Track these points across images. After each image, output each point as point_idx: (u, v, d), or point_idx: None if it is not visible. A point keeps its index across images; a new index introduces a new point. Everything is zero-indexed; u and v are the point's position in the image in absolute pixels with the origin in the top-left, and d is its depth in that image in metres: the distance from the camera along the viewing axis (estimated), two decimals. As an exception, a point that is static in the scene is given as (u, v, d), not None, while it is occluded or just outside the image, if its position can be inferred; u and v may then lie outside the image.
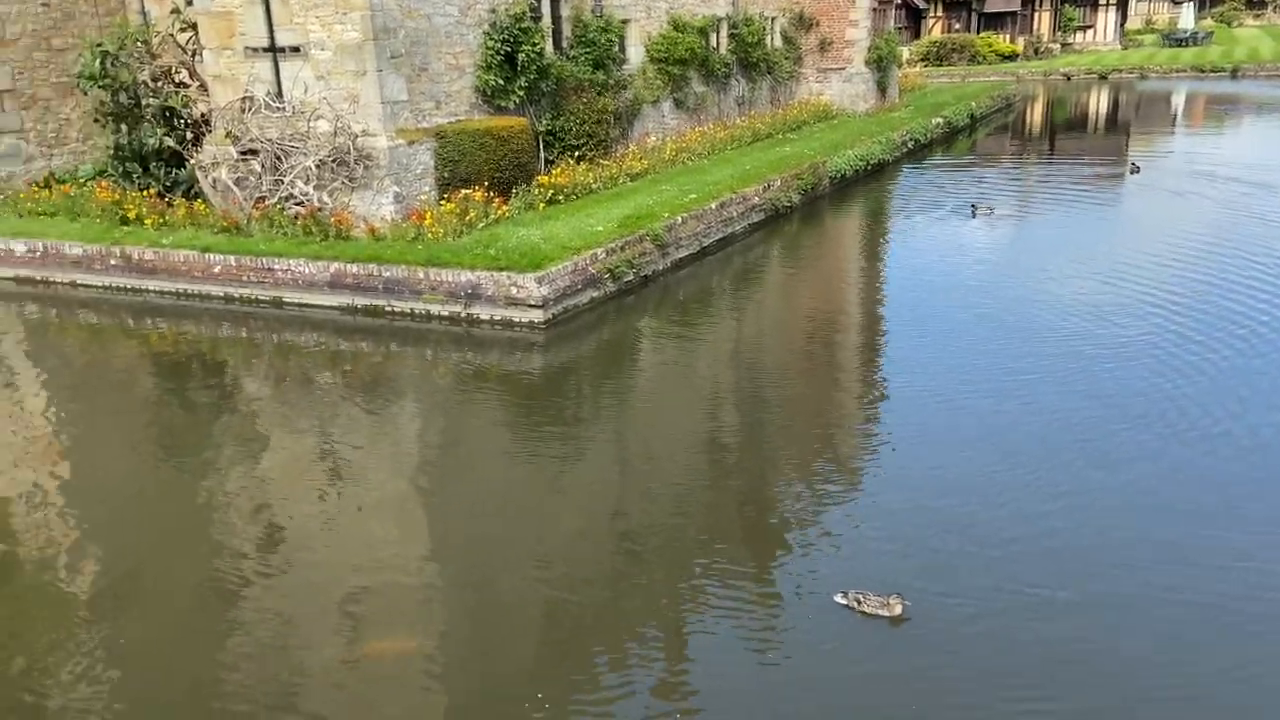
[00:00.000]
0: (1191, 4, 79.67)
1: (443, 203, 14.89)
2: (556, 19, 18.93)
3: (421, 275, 12.99)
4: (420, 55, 15.37)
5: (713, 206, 16.72)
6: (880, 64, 30.56)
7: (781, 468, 8.91)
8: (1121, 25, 64.80)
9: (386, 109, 14.63)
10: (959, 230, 17.44)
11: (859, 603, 6.48)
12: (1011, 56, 53.59)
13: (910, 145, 26.17)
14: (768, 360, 12.15)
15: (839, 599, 6.57)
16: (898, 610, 6.40)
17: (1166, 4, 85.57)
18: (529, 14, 17.33)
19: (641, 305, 13.91)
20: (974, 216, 17.91)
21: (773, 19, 28.47)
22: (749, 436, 9.70)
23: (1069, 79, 48.49)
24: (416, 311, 13.05)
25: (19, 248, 15.66)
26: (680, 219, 15.66)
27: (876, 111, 29.94)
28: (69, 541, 7.92)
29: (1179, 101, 39.66)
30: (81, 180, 17.33)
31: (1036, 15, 60.31)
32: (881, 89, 31.31)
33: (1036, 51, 57.49)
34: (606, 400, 10.90)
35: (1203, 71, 47.47)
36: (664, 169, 19.66)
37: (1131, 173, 22.38)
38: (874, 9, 30.06)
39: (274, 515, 8.31)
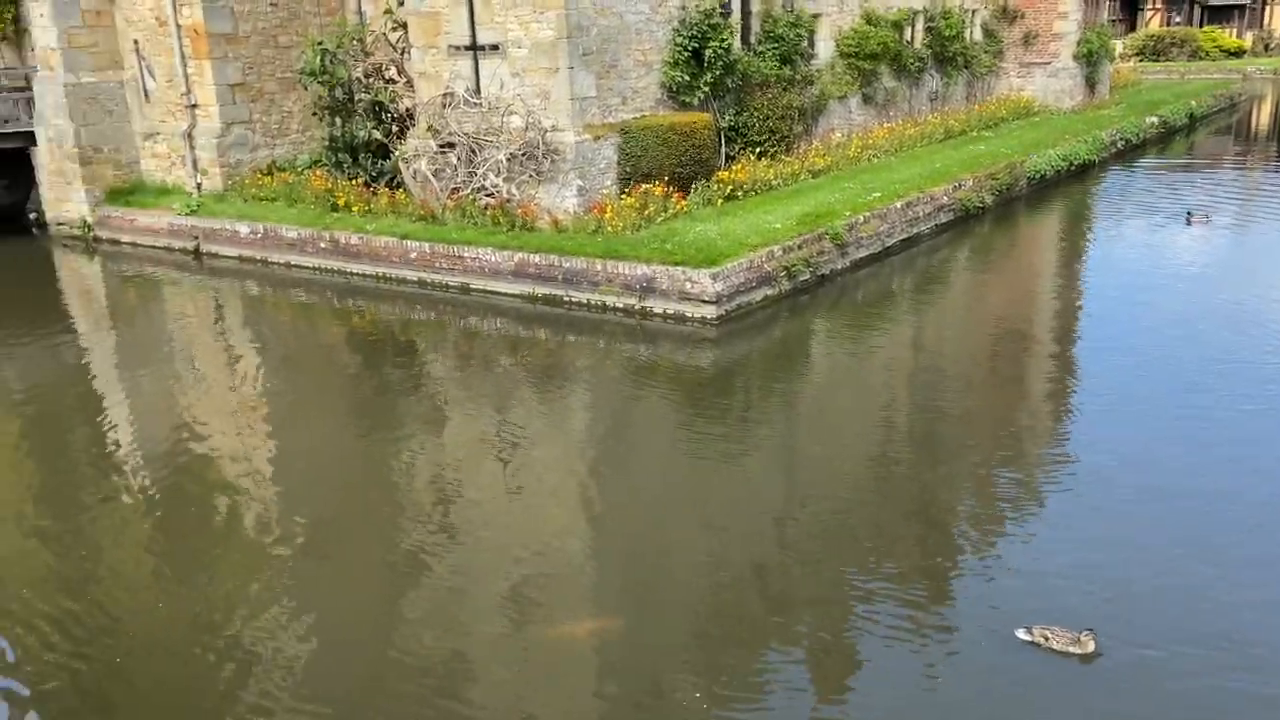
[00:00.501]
0: None
1: (623, 197, 15.16)
2: (746, 15, 18.87)
3: (599, 267, 13.29)
4: (610, 52, 15.70)
5: (897, 205, 16.23)
6: (1090, 58, 28.69)
7: (959, 486, 8.49)
8: (1378, 15, 57.87)
9: (575, 105, 15.04)
10: (1171, 239, 16.15)
11: (1045, 639, 5.99)
12: (1238, 53, 49.01)
13: (1120, 145, 24.45)
14: (948, 368, 11.66)
15: (1022, 634, 6.09)
16: (1090, 648, 5.88)
17: None
18: (719, 10, 17.35)
19: (816, 305, 13.69)
20: (1189, 224, 16.52)
21: (973, 11, 27.27)
22: (924, 449, 9.32)
23: (1309, 75, 43.85)
24: (593, 302, 13.37)
25: (243, 229, 17.15)
26: (862, 218, 15.29)
27: (1084, 109, 28.14)
28: (271, 497, 8.64)
29: None
30: (299, 169, 18.76)
31: (1268, 8, 54.83)
32: (1090, 85, 29.40)
33: (1266, 47, 52.24)
34: (775, 400, 10.81)
35: None
36: (848, 166, 19.24)
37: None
38: (1085, 0, 28.25)
39: (452, 490, 8.75)
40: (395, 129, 17.46)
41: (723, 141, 17.86)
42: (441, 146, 15.67)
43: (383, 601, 7.02)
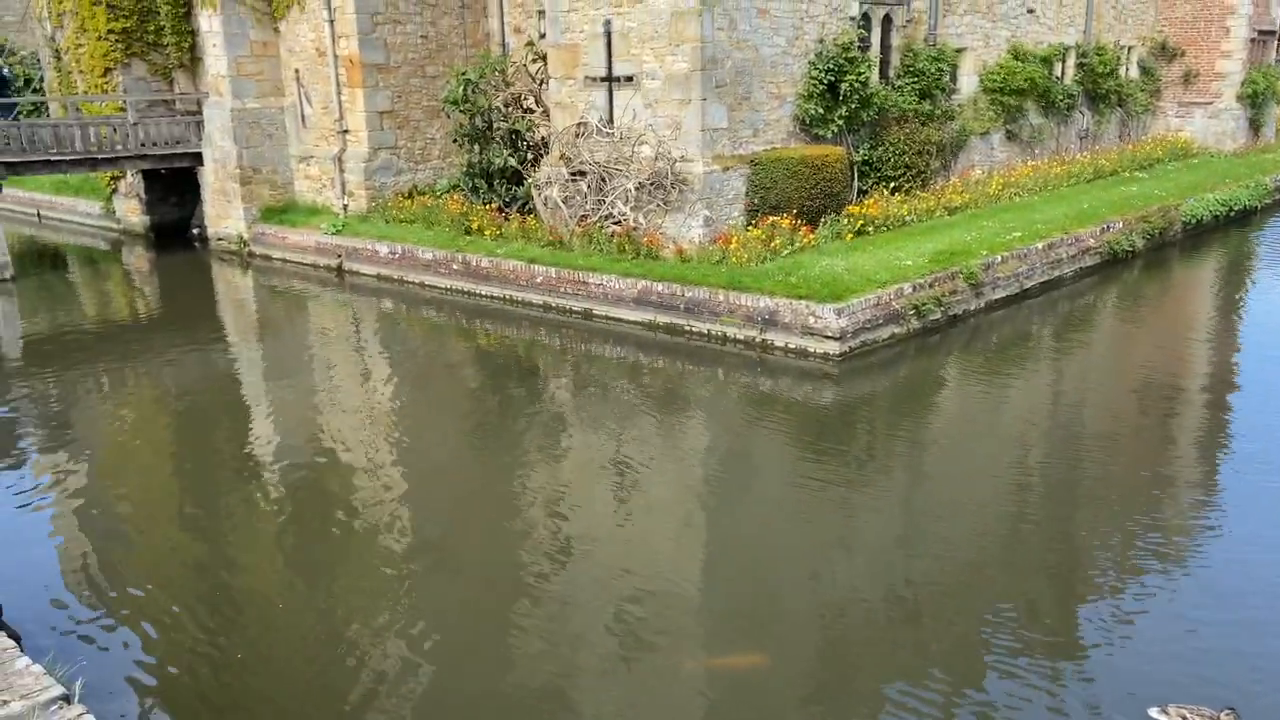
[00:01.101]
0: None
1: (750, 228, 15.07)
2: (886, 48, 18.58)
3: (722, 298, 13.21)
4: (744, 84, 15.69)
5: (1039, 246, 15.55)
6: (1255, 99, 26.99)
7: (1089, 548, 7.91)
8: None
9: (705, 136, 15.08)
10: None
11: (1183, 719, 5.52)
12: None
13: (1288, 191, 22.81)
14: (1084, 422, 10.96)
15: (1156, 713, 5.61)
16: None
17: None
18: (857, 44, 17.14)
19: (947, 346, 13.21)
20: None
21: (1129, 48, 26.09)
22: (1054, 508, 8.75)
23: None
24: (714, 333, 13.29)
25: (383, 250, 17.89)
26: (999, 257, 14.72)
27: (1246, 152, 26.43)
28: (394, 507, 8.88)
29: None
30: (438, 193, 19.49)
31: None
32: (1255, 127, 27.64)
33: None
34: (897, 443, 10.42)
35: None
36: (987, 204, 18.60)
37: None
38: (1252, 39, 26.61)
39: (566, 511, 8.77)
40: (530, 157, 17.93)
41: (855, 175, 17.57)
42: (573, 174, 15.97)
43: (499, 621, 7.07)
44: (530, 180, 17.13)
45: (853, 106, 16.86)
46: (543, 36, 18.00)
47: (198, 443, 10.81)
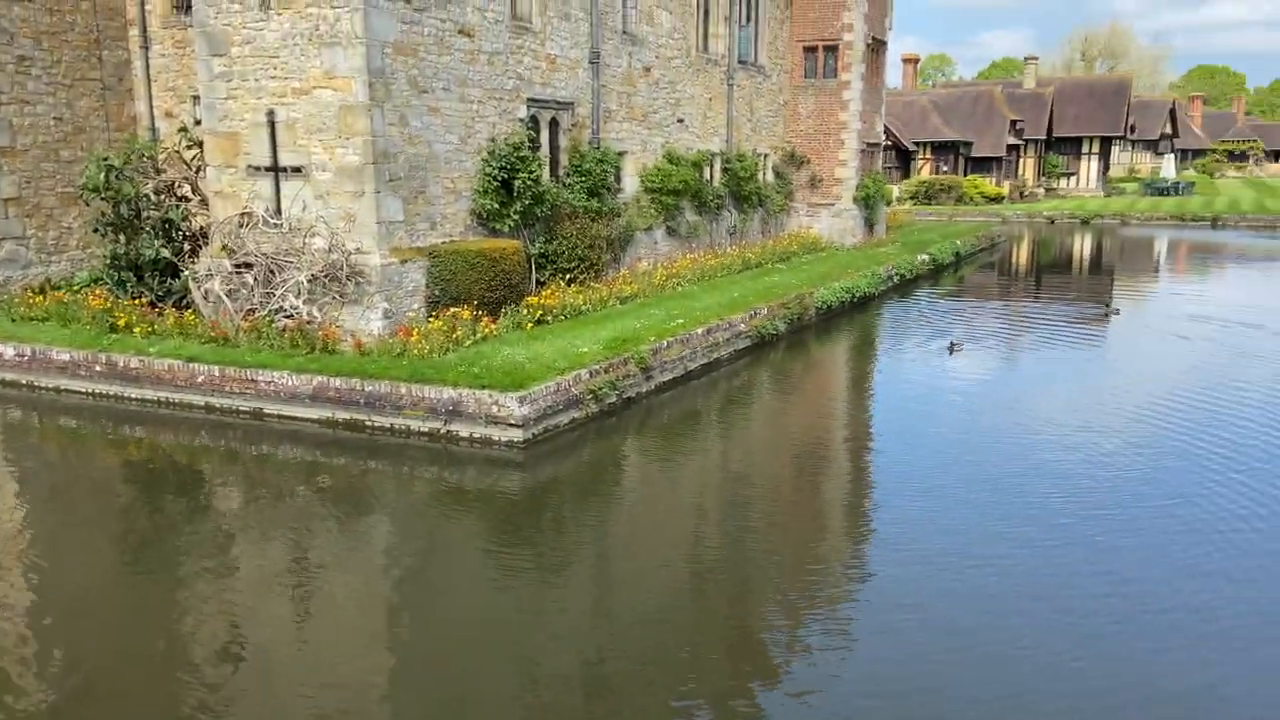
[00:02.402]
0: (1173, 155, 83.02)
1: (431, 320, 15.07)
2: (555, 149, 19.63)
3: (404, 391, 13.02)
4: (419, 179, 15.84)
5: (699, 332, 16.93)
6: (868, 201, 31.55)
7: (767, 604, 8.62)
8: (1104, 173, 67.28)
9: (382, 228, 14.98)
10: (938, 365, 17.59)
11: None
12: (997, 199, 55.40)
13: (896, 280, 26.73)
14: (749, 494, 12.01)
15: None
16: None
17: (1149, 154, 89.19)
18: (527, 144, 17.96)
19: (623, 427, 13.91)
20: (951, 353, 18.07)
21: (765, 155, 29.55)
22: (733, 567, 9.47)
23: (1052, 222, 50.01)
24: (397, 427, 13.02)
25: (8, 352, 15.71)
26: (666, 343, 15.83)
27: (864, 246, 30.72)
28: (23, 650, 7.66)
29: (1161, 248, 40.77)
30: (75, 287, 17.56)
31: (1021, 160, 62.73)
32: (869, 225, 32.23)
33: (1021, 195, 59.53)
34: (585, 522, 10.76)
35: (1183, 220, 49.06)
36: (654, 294, 20.01)
37: (1112, 314, 22.80)
38: (862, 150, 31.24)
39: (238, 632, 8.07)
40: (187, 247, 16.75)
41: (533, 268, 18.21)
42: (237, 266, 15.13)
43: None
44: (188, 273, 15.97)
45: (527, 202, 17.57)
46: (198, 123, 17.07)
47: None
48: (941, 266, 31.18)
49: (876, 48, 31.99)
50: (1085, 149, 65.66)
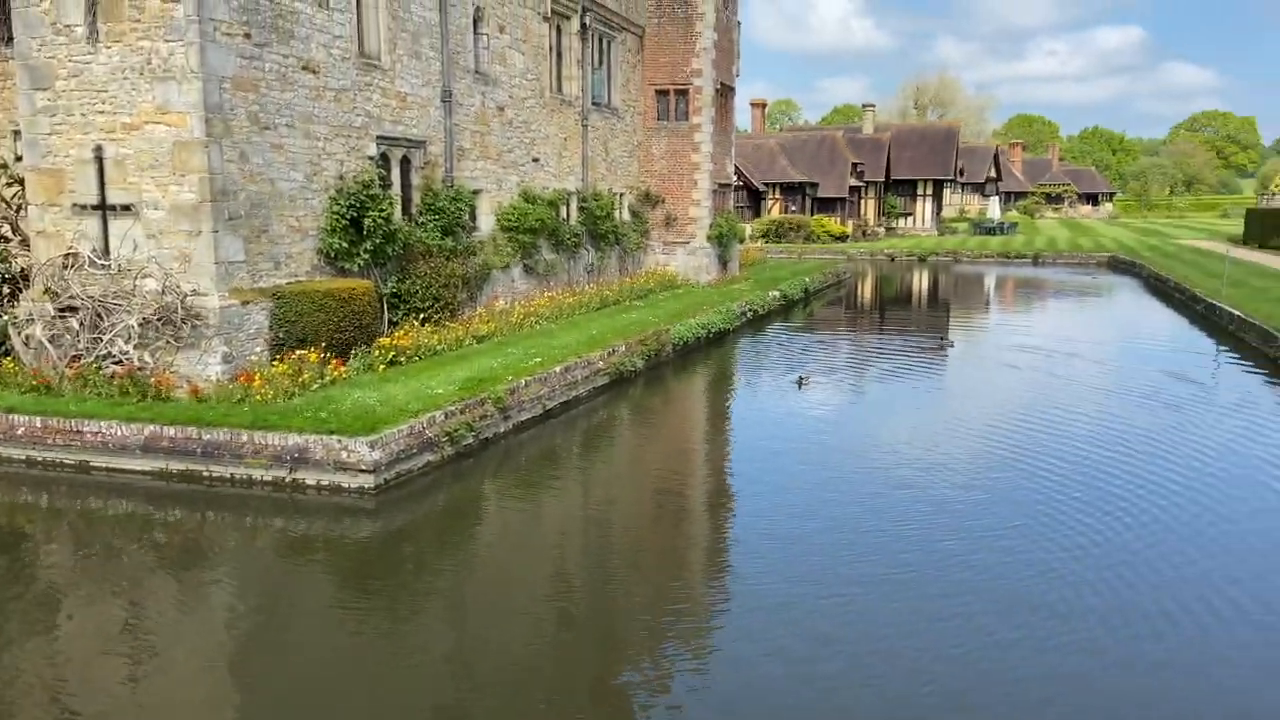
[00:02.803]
0: (998, 197, 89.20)
1: (276, 363, 14.49)
2: (407, 187, 19.33)
3: (245, 438, 12.43)
4: (261, 217, 15.27)
5: (557, 370, 16.91)
6: (721, 239, 32.44)
7: (626, 649, 8.62)
8: (938, 214, 71.60)
9: (221, 268, 14.35)
10: (791, 398, 18.16)
11: None
12: (842, 237, 57.99)
13: (749, 315, 27.51)
14: (610, 534, 12.03)
15: None
16: None
17: (977, 196, 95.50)
18: (378, 182, 17.63)
19: (481, 469, 13.70)
20: (800, 388, 18.62)
21: (621, 195, 30.00)
22: (592, 613, 9.41)
23: (893, 260, 52.76)
24: (238, 477, 12.40)
25: None
26: (524, 382, 15.74)
27: (719, 283, 31.52)
28: None
29: (990, 283, 43.57)
30: (-127, 334, 16.01)
31: (863, 201, 65.98)
32: (723, 262, 33.11)
33: (864, 233, 62.59)
34: (440, 569, 10.49)
35: (1009, 257, 52.71)
36: (511, 332, 19.90)
37: (947, 346, 24.17)
38: (715, 190, 32.15)
39: (66, 703, 7.43)
40: (6, 291, 15.58)
41: (385, 308, 17.80)
42: (61, 310, 14.18)
43: None
44: (7, 317, 14.84)
45: (378, 241, 17.21)
46: (19, 159, 15.98)
47: None
48: (792, 302, 32.31)
49: (725, 93, 33.11)
50: (920, 191, 69.77)
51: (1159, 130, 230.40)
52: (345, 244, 16.72)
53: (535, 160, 24.39)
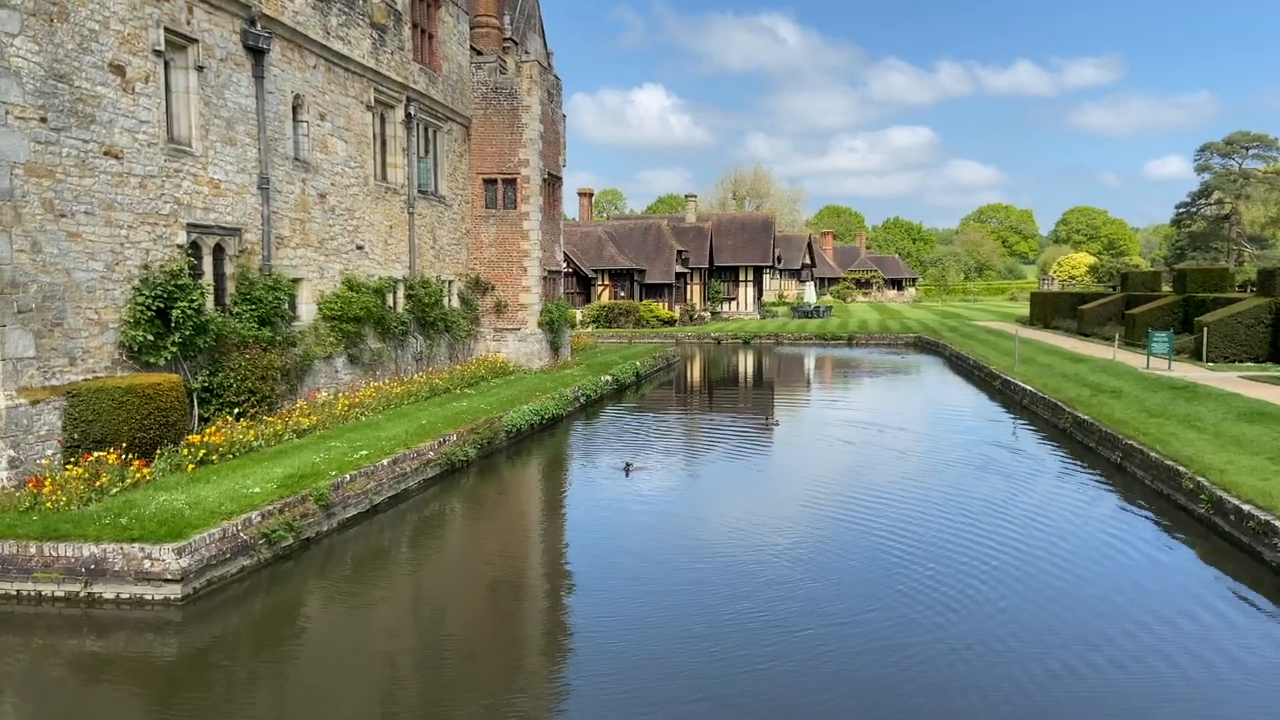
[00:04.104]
0: (814, 282, 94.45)
1: (70, 467, 13.33)
2: (220, 276, 18.50)
3: (34, 550, 11.29)
4: (55, 310, 14.20)
5: (385, 463, 16.35)
6: (553, 325, 32.65)
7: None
8: (759, 298, 74.95)
9: (8, 366, 13.20)
10: (621, 484, 18.22)
11: None
12: (670, 321, 59.69)
13: (582, 400, 27.65)
14: (444, 634, 11.56)
15: None
16: None
17: (794, 281, 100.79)
18: (188, 271, 16.79)
19: (302, 571, 12.94)
20: (628, 474, 18.60)
21: (450, 282, 29.80)
22: (423, 714, 8.99)
23: (719, 343, 54.61)
24: (25, 593, 11.21)
25: None
26: (348, 476, 15.11)
27: (551, 369, 31.60)
28: None
29: (810, 363, 45.74)
30: None
31: (689, 287, 68.30)
32: (555, 348, 33.28)
33: (691, 318, 64.62)
34: (255, 684, 9.73)
35: (825, 339, 55.63)
36: (336, 425, 19.15)
37: (773, 425, 25.06)
38: (544, 277, 32.47)
39: None
40: None
41: (195, 403, 16.80)
42: None
43: None
44: None
45: (187, 333, 16.30)
46: None
47: None
48: (624, 386, 32.74)
49: (552, 182, 33.77)
50: (742, 276, 73.02)
51: (951, 221, 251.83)
52: (150, 337, 15.74)
53: (359, 248, 23.94)
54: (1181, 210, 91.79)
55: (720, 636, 10.45)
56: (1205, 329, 31.18)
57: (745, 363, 46.00)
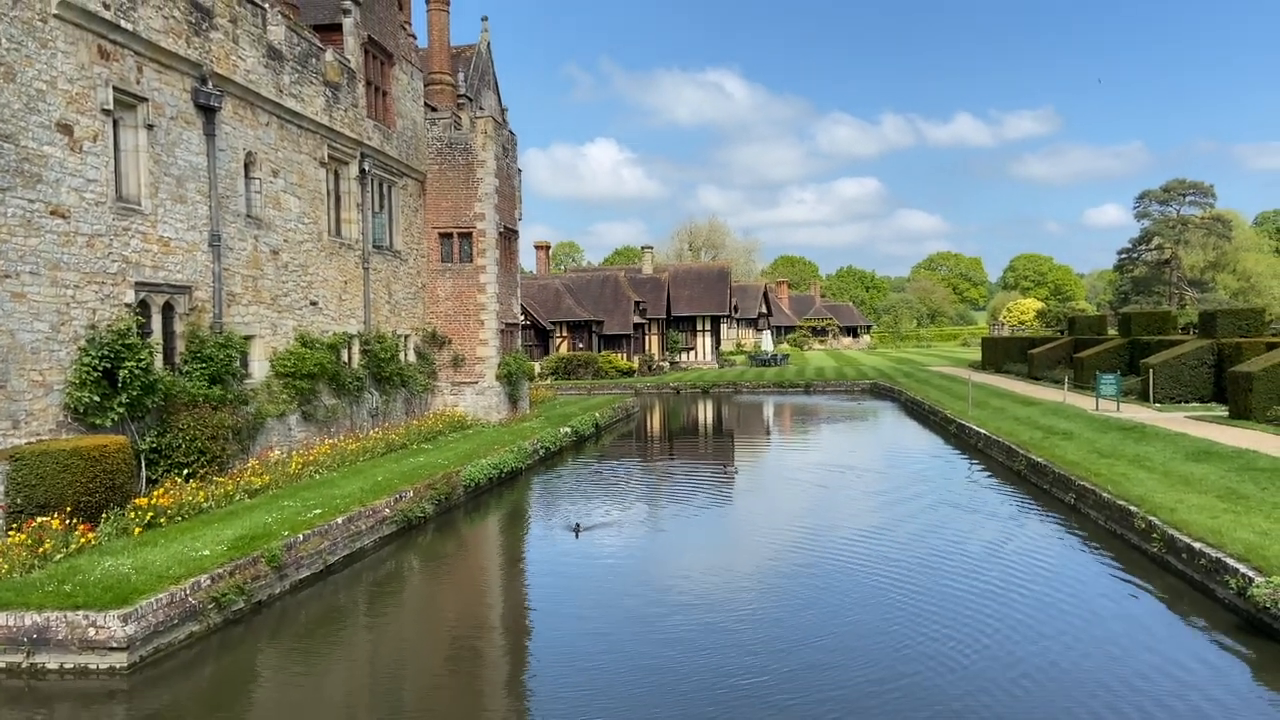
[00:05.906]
0: (770, 331, 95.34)
1: (11, 533, 12.92)
2: (170, 335, 18.21)
3: (-30, 622, 10.87)
4: (-3, 371, 13.86)
5: (339, 521, 16.05)
6: (511, 378, 32.52)
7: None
8: (717, 347, 75.37)
9: (-55, 429, 12.81)
10: (582, 538, 17.99)
11: None
12: (629, 372, 59.71)
13: (541, 453, 27.46)
14: (396, 693, 11.27)
15: None
16: None
17: (751, 330, 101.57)
18: (136, 330, 16.52)
19: (254, 635, 12.59)
20: (577, 537, 18.10)
21: (406, 336, 29.61)
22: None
23: (678, 392, 54.70)
24: (-41, 668, 10.76)
25: None
26: (302, 536, 14.80)
27: (510, 422, 31.39)
28: None
29: (769, 411, 45.96)
30: None
31: (647, 337, 68.58)
32: (513, 401, 33.11)
33: (649, 368, 64.75)
34: (201, 754, 9.41)
35: (783, 387, 55.99)
36: (289, 484, 18.80)
37: (733, 473, 25.08)
38: (502, 330, 32.41)
39: None
40: None
41: (143, 465, 16.40)
42: None
43: None
44: None
45: (135, 393, 15.98)
46: None
47: None
48: (584, 438, 32.58)
49: (509, 235, 33.88)
50: (699, 326, 73.46)
51: (902, 269, 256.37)
52: (96, 398, 15.40)
53: (313, 304, 23.74)
54: (1124, 255, 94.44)
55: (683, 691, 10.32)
56: (1151, 370, 31.93)
57: (705, 412, 46.09)
